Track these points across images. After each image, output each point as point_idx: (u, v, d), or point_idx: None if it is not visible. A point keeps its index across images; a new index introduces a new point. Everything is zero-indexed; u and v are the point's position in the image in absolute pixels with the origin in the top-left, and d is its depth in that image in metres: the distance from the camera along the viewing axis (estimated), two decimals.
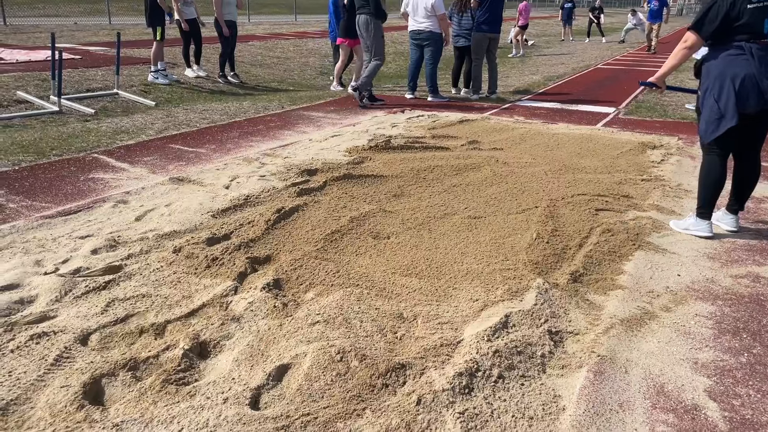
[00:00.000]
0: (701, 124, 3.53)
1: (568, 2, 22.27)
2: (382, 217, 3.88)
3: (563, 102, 8.61)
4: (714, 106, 3.41)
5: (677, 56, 3.61)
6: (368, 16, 7.84)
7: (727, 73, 3.38)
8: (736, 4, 3.32)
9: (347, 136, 6.17)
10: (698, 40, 3.46)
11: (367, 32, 7.92)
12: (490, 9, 8.33)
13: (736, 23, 3.34)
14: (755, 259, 3.40)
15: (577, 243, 3.50)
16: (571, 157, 5.53)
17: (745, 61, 3.36)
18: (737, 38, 3.37)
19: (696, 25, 3.46)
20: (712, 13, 3.37)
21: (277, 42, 15.59)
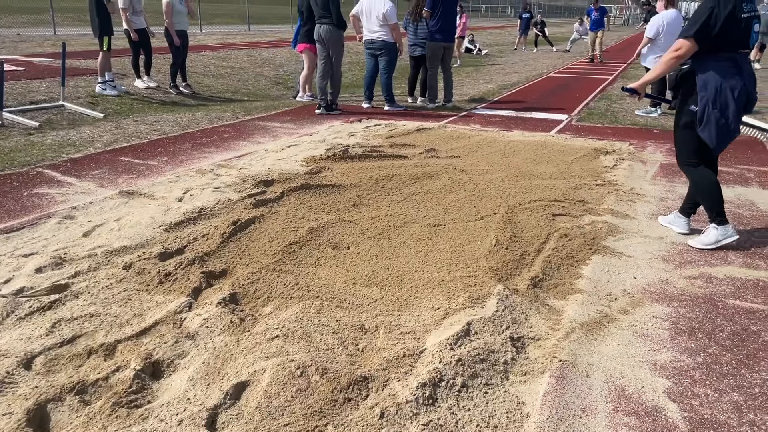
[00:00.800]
0: (710, 138, 3.39)
1: (526, 13, 22.76)
2: (341, 227, 3.83)
3: (518, 110, 8.74)
4: (720, 118, 3.34)
5: (666, 64, 3.48)
6: (330, 25, 7.80)
7: (726, 86, 3.33)
8: (735, 12, 3.26)
9: (304, 146, 6.10)
10: (692, 47, 3.34)
11: (329, 42, 7.87)
12: (443, 19, 8.40)
13: (731, 33, 3.29)
14: (707, 260, 3.48)
15: (535, 248, 3.52)
16: (527, 164, 5.59)
17: (737, 72, 3.35)
18: (729, 48, 3.33)
19: (695, 32, 3.30)
20: (712, 19, 3.26)
21: (231, 52, 15.39)
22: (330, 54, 7.94)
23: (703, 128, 3.41)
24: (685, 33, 3.35)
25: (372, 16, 8.15)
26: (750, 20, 3.34)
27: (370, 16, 8.17)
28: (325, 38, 7.86)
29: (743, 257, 3.52)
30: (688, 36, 3.33)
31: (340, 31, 7.88)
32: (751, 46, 3.48)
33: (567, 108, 8.95)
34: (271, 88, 11.71)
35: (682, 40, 3.36)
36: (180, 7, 9.28)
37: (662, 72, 3.56)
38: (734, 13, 3.25)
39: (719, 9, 3.24)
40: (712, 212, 3.63)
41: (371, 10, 8.15)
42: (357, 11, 8.28)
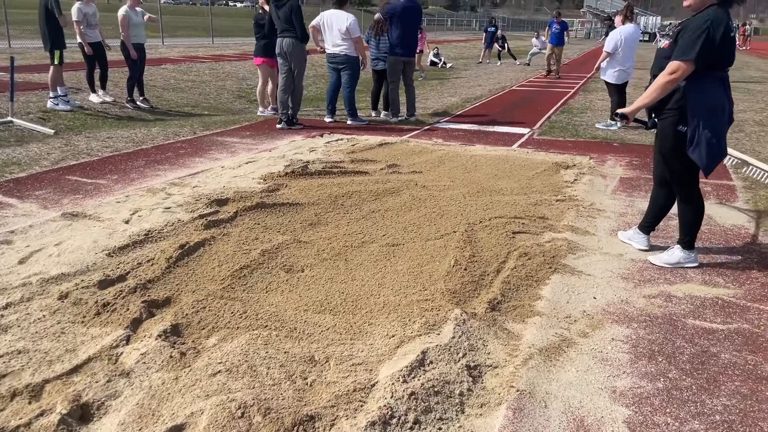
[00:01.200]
0: (701, 159, 3.28)
1: (491, 27, 23.03)
2: (296, 249, 3.70)
3: (480, 123, 8.73)
4: (711, 139, 3.25)
5: (662, 88, 3.29)
6: (293, 39, 7.68)
7: (716, 106, 3.27)
8: (725, 32, 3.15)
9: (262, 162, 5.95)
10: (689, 70, 3.19)
11: (291, 55, 7.75)
12: (403, 33, 8.36)
13: (723, 53, 3.20)
14: (666, 278, 3.44)
15: (494, 268, 3.44)
16: (488, 179, 5.54)
17: (723, 91, 3.29)
18: (718, 68, 3.25)
19: (696, 55, 3.14)
20: (709, 40, 3.12)
21: (192, 65, 15.14)
22: (292, 68, 7.82)
23: (694, 149, 3.28)
24: (684, 56, 3.17)
25: (334, 29, 8.06)
26: (734, 40, 3.31)
27: (332, 30, 8.08)
28: (288, 51, 7.74)
29: (702, 274, 3.49)
30: (688, 59, 3.15)
31: (303, 45, 7.78)
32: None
33: (529, 121, 8.98)
34: (233, 102, 11.52)
35: (679, 63, 3.19)
36: (137, 19, 9.05)
37: (657, 96, 3.33)
38: (726, 32, 3.15)
39: (714, 30, 3.11)
40: (686, 235, 3.59)
41: (333, 24, 8.06)
42: (318, 23, 8.17)
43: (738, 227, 4.32)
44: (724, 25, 3.15)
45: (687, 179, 3.51)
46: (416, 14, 8.51)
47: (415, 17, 8.50)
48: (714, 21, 3.12)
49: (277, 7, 7.64)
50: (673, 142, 3.43)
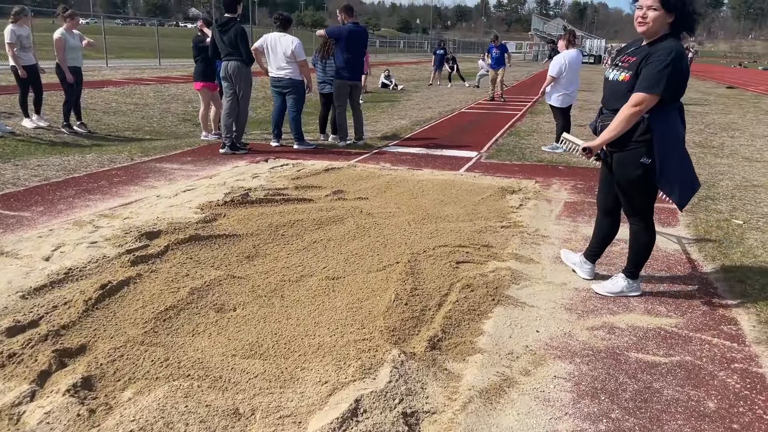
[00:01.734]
0: (671, 191, 3.22)
1: (440, 49, 23.33)
2: (229, 285, 3.50)
3: (429, 147, 8.70)
4: (681, 171, 3.21)
5: (627, 121, 3.16)
6: (238, 62, 7.51)
7: (679, 137, 3.21)
8: (686, 62, 3.13)
9: (201, 190, 5.73)
10: (653, 102, 3.10)
11: (236, 78, 7.57)
12: (350, 57, 8.29)
13: (685, 82, 3.17)
14: (609, 308, 3.40)
15: (436, 302, 3.33)
16: (434, 205, 5.46)
17: (681, 121, 3.26)
18: (678, 97, 3.20)
19: (663, 89, 3.05)
20: (675, 73, 3.05)
21: (136, 87, 14.74)
22: (237, 91, 7.64)
23: (665, 183, 3.21)
24: (650, 89, 3.06)
25: (278, 52, 7.93)
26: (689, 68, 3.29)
27: (276, 53, 7.94)
28: (233, 74, 7.57)
29: (644, 303, 3.46)
30: (654, 92, 3.06)
31: (248, 68, 7.62)
32: None
33: (477, 145, 9.01)
34: (178, 126, 11.22)
35: (644, 95, 3.08)
36: (73, 41, 8.73)
37: (623, 129, 3.19)
38: (687, 62, 3.13)
39: (678, 61, 3.04)
40: (633, 265, 3.55)
41: (277, 46, 7.93)
42: (260, 46, 8.02)
43: (680, 252, 4.35)
44: (687, 57, 3.15)
45: (645, 211, 3.46)
46: (362, 38, 8.45)
47: (362, 41, 8.44)
48: (677, 52, 3.06)
49: (222, 32, 7.48)
50: (636, 173, 3.29)
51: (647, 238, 3.50)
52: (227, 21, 7.47)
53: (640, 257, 3.53)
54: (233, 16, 7.51)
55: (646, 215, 3.47)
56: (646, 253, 3.54)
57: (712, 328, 3.16)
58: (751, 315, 3.30)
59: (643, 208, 3.44)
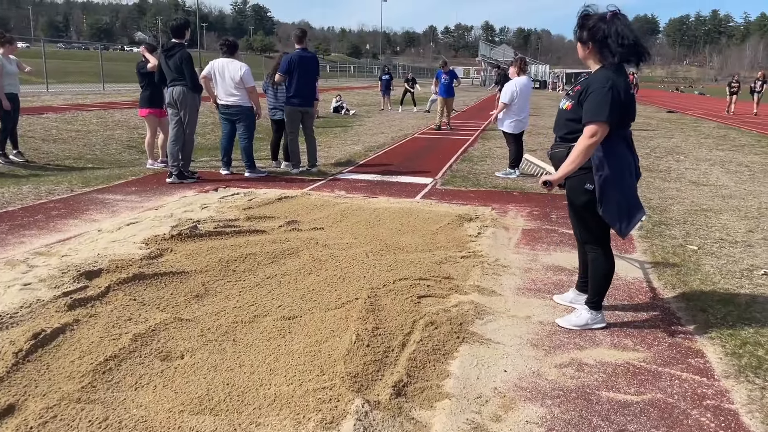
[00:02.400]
0: (612, 220, 3.18)
1: (385, 75, 23.48)
2: (177, 329, 3.25)
3: (384, 173, 8.60)
4: (621, 200, 3.16)
5: (587, 153, 3.11)
6: (183, 87, 7.27)
7: (623, 165, 3.17)
8: (626, 89, 3.10)
9: (147, 223, 5.43)
10: (606, 131, 3.07)
11: (182, 105, 7.31)
12: (299, 82, 8.14)
13: (627, 109, 3.13)
14: (576, 342, 3.31)
15: (399, 342, 3.16)
16: (392, 235, 5.33)
17: (628, 150, 3.22)
18: (623, 126, 3.17)
19: (607, 116, 3.03)
20: (615, 99, 3.04)
21: (78, 114, 14.21)
22: (182, 117, 7.38)
23: (606, 210, 3.19)
24: (598, 117, 3.03)
25: (226, 78, 7.72)
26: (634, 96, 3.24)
27: (224, 79, 7.74)
28: (178, 101, 7.31)
29: (610, 336, 3.39)
30: (601, 121, 3.03)
31: (195, 94, 7.38)
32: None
33: (431, 170, 8.97)
34: (122, 153, 10.79)
35: (595, 126, 3.05)
36: (10, 67, 8.32)
37: (582, 161, 3.13)
38: (626, 89, 3.10)
39: (616, 87, 3.04)
40: (594, 296, 3.47)
41: (225, 72, 7.73)
42: (208, 73, 7.81)
43: (639, 280, 4.33)
44: (623, 83, 3.12)
45: (598, 238, 3.41)
46: (312, 64, 8.30)
47: (311, 67, 8.29)
48: (614, 80, 3.07)
49: (167, 57, 7.23)
50: (582, 200, 3.31)
51: (605, 266, 3.43)
52: (173, 46, 7.23)
53: (600, 286, 3.46)
54: (180, 41, 7.29)
55: (602, 242, 3.42)
56: (606, 281, 3.46)
57: (680, 361, 3.10)
58: (716, 346, 3.27)
59: (597, 234, 3.39)
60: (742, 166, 10.21)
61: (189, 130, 7.45)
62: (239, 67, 7.76)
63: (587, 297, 3.55)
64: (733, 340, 3.33)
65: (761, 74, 23.83)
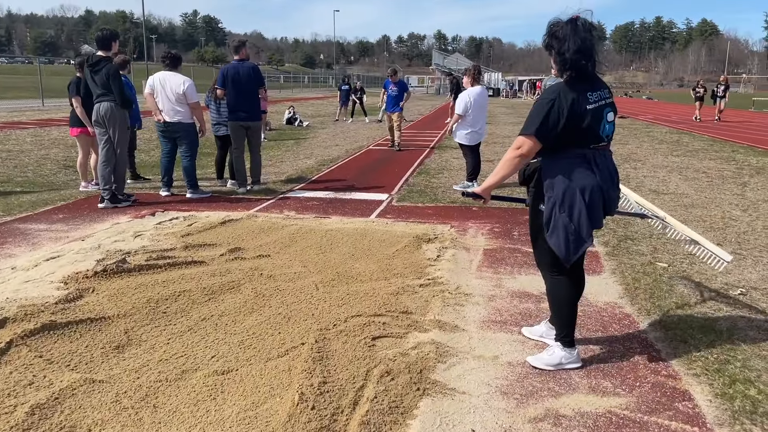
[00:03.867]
0: (558, 246, 2.95)
1: (344, 85, 23.08)
2: (87, 394, 2.74)
3: (337, 190, 8.16)
4: (569, 225, 2.91)
5: (510, 165, 2.97)
6: (110, 103, 6.69)
7: (575, 187, 2.89)
8: (576, 104, 2.82)
9: (69, 257, 4.85)
10: (536, 146, 2.90)
11: (110, 122, 6.73)
12: (239, 96, 7.62)
13: (578, 127, 2.84)
14: (550, 387, 2.93)
15: (350, 400, 2.73)
16: (345, 261, 4.90)
17: (589, 171, 2.90)
18: (577, 144, 2.89)
19: (536, 130, 2.85)
20: (554, 114, 2.82)
21: (11, 132, 13.36)
22: (111, 136, 6.80)
23: (551, 234, 2.97)
24: (526, 130, 2.89)
25: (168, 92, 7.19)
26: (600, 110, 2.88)
27: (164, 94, 7.20)
28: (106, 118, 6.74)
29: (587, 377, 3.03)
30: (529, 133, 2.87)
31: (124, 111, 6.81)
32: (606, 136, 2.96)
33: (387, 185, 8.57)
34: (57, 174, 10.03)
35: (523, 138, 2.90)
36: None
37: (506, 174, 3.01)
38: (577, 104, 2.82)
39: (560, 101, 2.81)
40: (561, 330, 3.14)
41: (165, 87, 7.19)
42: (151, 88, 7.27)
43: (612, 305, 4.00)
44: (574, 96, 2.82)
45: (555, 263, 3.08)
46: (249, 74, 7.64)
47: (249, 77, 7.64)
48: (562, 94, 2.83)
49: (93, 72, 6.65)
50: (537, 222, 3.11)
51: (560, 295, 3.11)
52: (99, 60, 6.66)
53: (562, 318, 3.12)
54: (107, 54, 6.72)
55: (557, 267, 3.08)
56: (569, 313, 3.11)
57: (667, 407, 2.75)
58: (703, 386, 2.94)
59: (551, 261, 3.08)
60: (699, 172, 10.16)
61: (120, 149, 6.87)
62: (182, 82, 7.24)
63: (556, 332, 3.19)
64: (720, 377, 3.01)
65: (723, 78, 23.74)
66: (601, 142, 2.92)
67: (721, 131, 18.85)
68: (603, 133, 2.91)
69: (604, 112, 2.90)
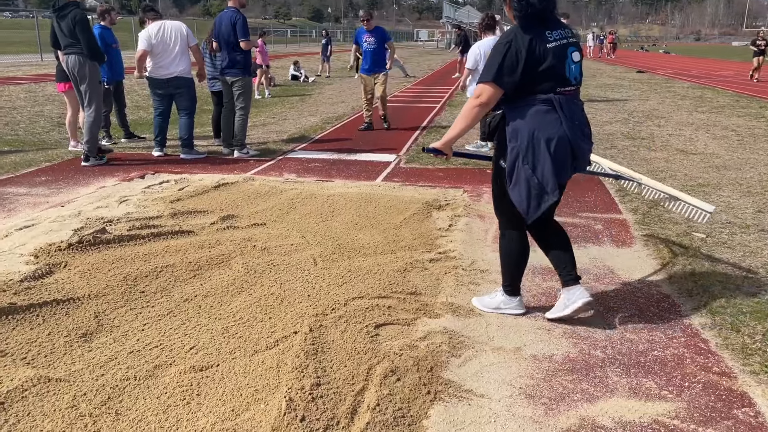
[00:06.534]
0: (519, 201, 2.80)
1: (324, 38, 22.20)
2: (39, 397, 2.33)
3: (341, 151, 7.64)
4: (532, 178, 2.74)
5: (470, 116, 2.81)
6: (78, 56, 6.17)
7: (540, 137, 2.70)
8: (534, 44, 2.65)
9: (44, 225, 4.42)
10: (496, 93, 2.73)
11: (79, 75, 6.24)
12: (222, 48, 6.99)
13: (539, 68, 2.67)
14: (584, 388, 2.49)
15: (348, 409, 2.30)
16: (347, 231, 4.44)
17: (555, 119, 2.71)
18: (541, 88, 2.71)
19: (493, 75, 2.69)
20: (509, 58, 2.66)
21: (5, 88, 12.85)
22: (82, 90, 6.33)
23: (513, 188, 2.82)
24: (484, 77, 2.74)
25: (170, 46, 6.72)
26: (563, 49, 2.69)
27: (166, 46, 6.70)
28: (74, 71, 6.25)
29: (626, 375, 2.58)
30: (486, 80, 2.72)
31: (94, 64, 6.26)
32: (574, 78, 2.75)
33: (395, 145, 8.04)
34: (50, 132, 9.55)
35: (483, 86, 2.75)
36: None
37: (467, 126, 2.86)
38: (536, 44, 2.66)
39: (517, 43, 2.67)
40: (506, 280, 3.10)
41: (167, 37, 6.72)
42: (147, 46, 6.70)
43: (647, 284, 3.53)
44: (532, 35, 2.66)
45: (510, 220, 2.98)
46: (230, 23, 6.79)
47: (230, 28, 6.79)
48: (518, 35, 2.68)
49: (59, 18, 6.10)
50: (495, 177, 2.99)
51: (508, 248, 3.04)
52: (65, 5, 6.08)
53: (506, 269, 3.08)
54: None
55: (515, 224, 2.97)
56: (511, 263, 3.05)
57: (724, 415, 2.31)
58: (764, 387, 2.49)
59: (506, 215, 2.99)
60: (728, 130, 9.52)
61: (93, 103, 6.35)
62: (181, 27, 6.88)
63: (502, 282, 3.13)
64: None
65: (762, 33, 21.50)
66: (567, 85, 2.73)
67: (745, 86, 17.99)
68: (569, 75, 2.72)
69: (567, 51, 2.71)
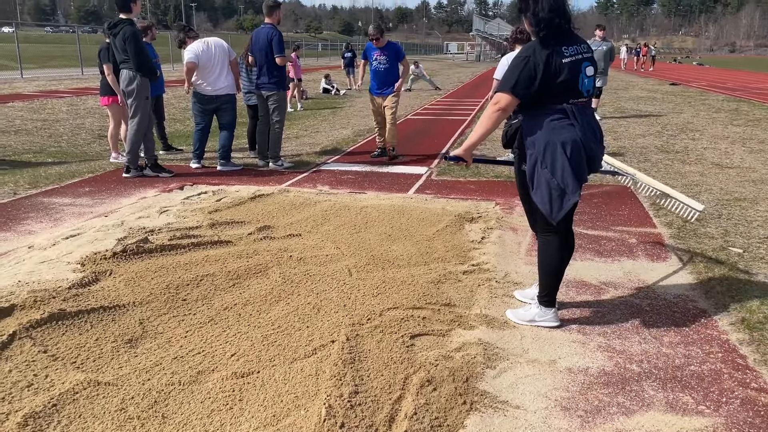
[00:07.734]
0: (543, 203, 2.94)
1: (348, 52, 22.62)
2: (89, 401, 2.44)
3: (373, 163, 7.74)
4: (552, 180, 2.89)
5: (488, 121, 2.96)
6: (129, 71, 6.39)
7: (555, 142, 2.87)
8: (551, 60, 2.83)
9: (89, 235, 4.59)
10: (513, 101, 2.90)
11: (127, 91, 6.46)
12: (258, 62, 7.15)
13: (555, 82, 2.84)
14: (620, 402, 2.50)
15: (386, 416, 2.35)
16: (381, 242, 4.51)
17: (569, 126, 2.88)
18: (555, 99, 2.89)
19: (511, 86, 2.87)
20: (527, 72, 2.84)
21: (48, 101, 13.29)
22: (129, 105, 6.57)
23: (535, 191, 2.99)
24: (503, 87, 2.92)
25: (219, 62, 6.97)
26: (578, 64, 2.86)
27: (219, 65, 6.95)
28: (124, 85, 6.49)
29: (662, 389, 2.58)
30: (505, 90, 2.90)
31: (144, 79, 6.47)
32: (586, 91, 2.93)
33: (426, 158, 8.10)
34: (92, 144, 9.87)
35: (501, 94, 2.92)
36: None
37: (486, 131, 3.00)
38: (552, 59, 2.83)
39: (535, 58, 2.84)
40: (543, 290, 3.14)
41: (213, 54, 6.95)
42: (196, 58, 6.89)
43: (683, 299, 3.51)
44: (550, 50, 2.83)
45: (546, 222, 3.03)
46: (266, 39, 6.97)
47: (266, 43, 6.97)
48: (536, 50, 2.85)
49: (113, 36, 6.34)
50: (521, 183, 3.23)
51: (549, 253, 3.09)
52: (117, 22, 6.32)
53: (547, 279, 3.11)
54: (127, 16, 6.37)
55: (548, 226, 3.04)
56: (551, 273, 3.09)
57: (762, 431, 2.30)
58: None
59: (543, 218, 3.04)
60: (765, 143, 9.35)
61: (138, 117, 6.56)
62: (223, 43, 7.15)
63: (538, 292, 3.18)
64: None
65: None
66: (580, 97, 2.91)
67: None
68: (582, 88, 2.89)
69: (581, 66, 2.87)
